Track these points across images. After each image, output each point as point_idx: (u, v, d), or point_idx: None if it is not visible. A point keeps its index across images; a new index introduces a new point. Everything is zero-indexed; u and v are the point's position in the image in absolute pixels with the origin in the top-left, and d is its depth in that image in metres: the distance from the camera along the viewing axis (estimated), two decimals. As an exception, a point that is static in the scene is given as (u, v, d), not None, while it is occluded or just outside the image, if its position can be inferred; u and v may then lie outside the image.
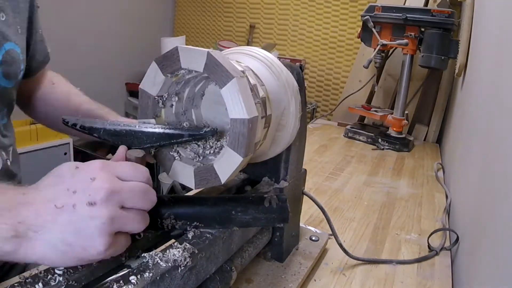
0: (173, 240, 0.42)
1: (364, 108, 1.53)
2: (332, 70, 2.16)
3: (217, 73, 0.37)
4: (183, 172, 0.43)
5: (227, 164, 0.39)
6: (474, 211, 0.66)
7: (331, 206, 0.89)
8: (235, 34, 2.52)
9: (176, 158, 0.43)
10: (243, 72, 0.41)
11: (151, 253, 0.37)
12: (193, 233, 0.42)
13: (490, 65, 0.77)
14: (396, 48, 1.44)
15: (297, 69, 0.53)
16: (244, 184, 0.59)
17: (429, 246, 0.73)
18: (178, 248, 0.39)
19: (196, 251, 0.40)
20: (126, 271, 0.35)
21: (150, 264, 0.36)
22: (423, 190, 1.02)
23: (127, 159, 0.38)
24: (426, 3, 1.54)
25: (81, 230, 0.30)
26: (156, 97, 0.42)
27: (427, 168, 1.20)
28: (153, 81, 0.41)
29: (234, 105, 0.37)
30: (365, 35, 1.40)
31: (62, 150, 1.86)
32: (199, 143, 0.45)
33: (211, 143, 0.45)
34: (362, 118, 1.64)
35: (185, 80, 0.43)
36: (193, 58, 0.38)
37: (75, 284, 0.32)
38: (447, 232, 0.77)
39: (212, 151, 0.45)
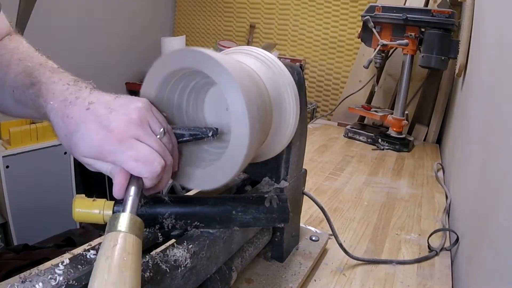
0: (173, 240, 0.42)
1: (364, 108, 1.53)
2: (332, 70, 2.16)
3: (218, 74, 0.37)
4: (184, 173, 0.43)
5: (228, 165, 0.39)
6: (474, 211, 0.66)
7: (331, 206, 0.89)
8: (235, 34, 2.52)
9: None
10: (243, 72, 0.41)
11: (151, 253, 0.37)
12: (193, 233, 0.42)
13: (490, 65, 0.77)
14: (396, 48, 1.44)
15: (297, 69, 0.53)
16: (245, 184, 0.59)
17: (429, 246, 0.73)
18: (179, 248, 0.39)
19: (197, 251, 0.40)
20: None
21: (150, 264, 0.36)
22: (423, 190, 1.02)
23: None
24: (426, 3, 1.54)
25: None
26: (157, 98, 0.42)
27: (427, 168, 1.20)
28: (154, 82, 0.41)
29: (236, 105, 0.37)
30: (365, 35, 1.40)
31: (62, 150, 1.85)
32: (200, 143, 0.45)
33: (212, 144, 0.45)
34: (362, 118, 1.64)
35: (186, 81, 0.43)
36: (193, 59, 0.38)
37: (75, 284, 0.32)
38: (447, 232, 0.77)
39: (213, 152, 0.45)
